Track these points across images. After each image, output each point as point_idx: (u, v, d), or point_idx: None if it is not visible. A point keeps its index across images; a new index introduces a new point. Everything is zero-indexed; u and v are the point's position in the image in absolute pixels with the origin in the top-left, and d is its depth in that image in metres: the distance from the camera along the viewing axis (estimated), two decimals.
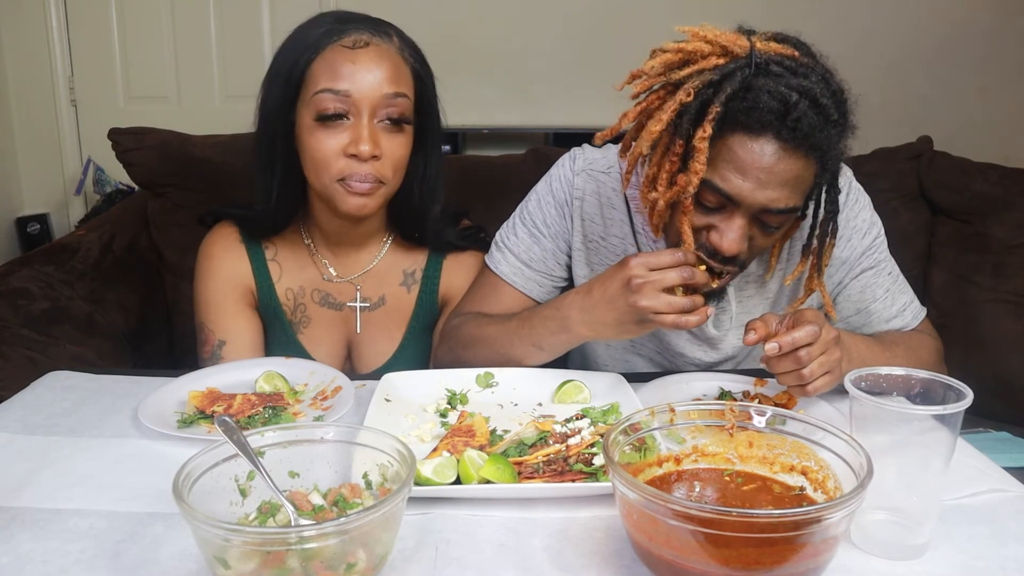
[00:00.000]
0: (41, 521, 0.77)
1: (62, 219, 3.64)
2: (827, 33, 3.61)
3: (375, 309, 1.33)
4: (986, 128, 3.31)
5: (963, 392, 0.72)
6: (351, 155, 1.13)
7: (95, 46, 3.51)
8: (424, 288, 1.34)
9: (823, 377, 0.94)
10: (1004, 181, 1.91)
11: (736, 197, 0.96)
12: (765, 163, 0.93)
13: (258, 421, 0.97)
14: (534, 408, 1.04)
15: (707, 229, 1.00)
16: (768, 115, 0.91)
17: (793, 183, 0.95)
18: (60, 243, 1.73)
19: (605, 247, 1.24)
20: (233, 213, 1.33)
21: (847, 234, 1.16)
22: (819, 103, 0.92)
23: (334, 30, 1.15)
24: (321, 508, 0.73)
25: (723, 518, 0.59)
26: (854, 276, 1.17)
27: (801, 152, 0.93)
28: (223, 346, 1.28)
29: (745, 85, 0.92)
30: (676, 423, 0.77)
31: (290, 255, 1.32)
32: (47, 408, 1.02)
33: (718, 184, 0.96)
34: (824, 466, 0.72)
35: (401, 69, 1.17)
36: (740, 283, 1.21)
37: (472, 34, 3.48)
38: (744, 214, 0.98)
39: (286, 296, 1.31)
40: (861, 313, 1.19)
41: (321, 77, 1.13)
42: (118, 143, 1.84)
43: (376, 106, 1.13)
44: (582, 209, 1.23)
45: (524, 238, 1.25)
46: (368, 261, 1.32)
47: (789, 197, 0.96)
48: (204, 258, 1.32)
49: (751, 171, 0.94)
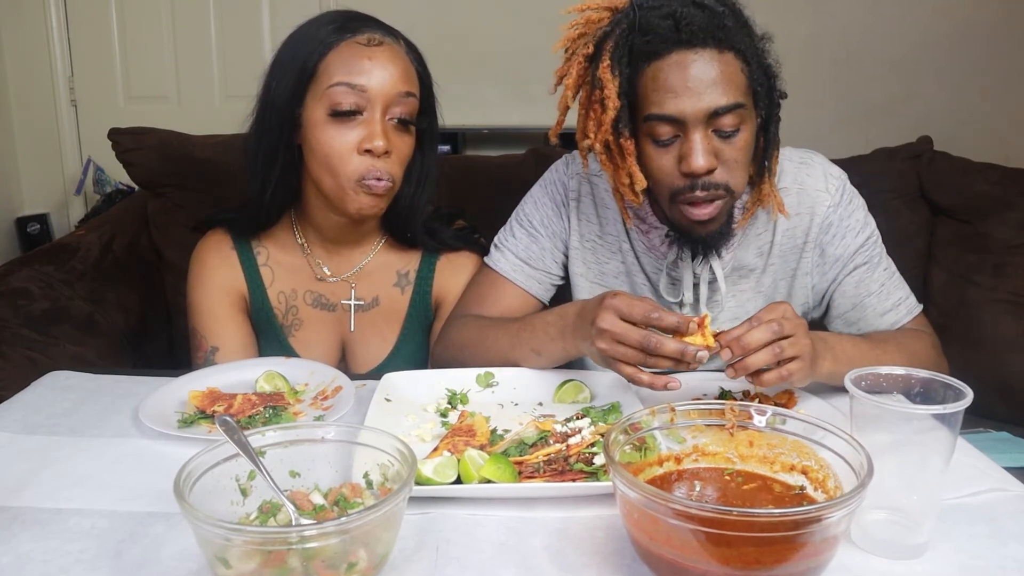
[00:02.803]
0: (42, 521, 0.77)
1: (62, 219, 3.64)
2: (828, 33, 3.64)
3: (369, 310, 1.33)
4: (986, 128, 3.31)
5: (963, 391, 0.72)
6: (365, 151, 1.14)
7: (95, 46, 3.51)
8: (418, 289, 1.34)
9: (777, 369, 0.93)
10: (1004, 181, 1.91)
11: (680, 115, 1.01)
12: (687, 73, 0.99)
13: (259, 421, 0.97)
14: (534, 408, 1.04)
15: (679, 164, 1.03)
16: (665, 32, 1.00)
17: (722, 80, 1.00)
18: (60, 243, 1.73)
19: (602, 245, 1.27)
20: (224, 218, 1.33)
21: (841, 232, 1.19)
22: (700, 3, 1.01)
23: (347, 27, 1.16)
24: (322, 508, 0.73)
25: (724, 517, 0.59)
26: (848, 272, 1.20)
27: (711, 49, 1.00)
28: (216, 352, 1.29)
29: (635, 23, 1.01)
30: (676, 422, 0.77)
31: (282, 257, 1.32)
32: (47, 408, 1.02)
33: (660, 112, 1.01)
34: (824, 465, 0.72)
35: (410, 70, 1.19)
36: (735, 278, 1.23)
37: (472, 34, 3.48)
38: (696, 128, 1.01)
39: (278, 300, 1.31)
40: (856, 308, 1.21)
41: (337, 71, 1.14)
42: (118, 143, 1.84)
43: (389, 103, 1.15)
44: (578, 209, 1.27)
45: (522, 238, 1.27)
46: (361, 259, 1.32)
47: (725, 94, 1.00)
48: (196, 265, 1.33)
49: (679, 86, 1.00)
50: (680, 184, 1.04)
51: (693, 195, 1.04)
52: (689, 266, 1.19)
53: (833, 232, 1.19)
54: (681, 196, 1.05)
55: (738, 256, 1.21)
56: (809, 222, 1.19)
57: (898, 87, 3.43)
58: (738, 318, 1.18)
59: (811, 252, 1.20)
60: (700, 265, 1.19)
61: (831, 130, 3.41)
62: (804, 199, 1.19)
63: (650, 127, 1.03)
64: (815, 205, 1.19)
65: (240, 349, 1.30)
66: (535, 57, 3.55)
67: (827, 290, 1.22)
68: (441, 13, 3.42)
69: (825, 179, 1.20)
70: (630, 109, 1.04)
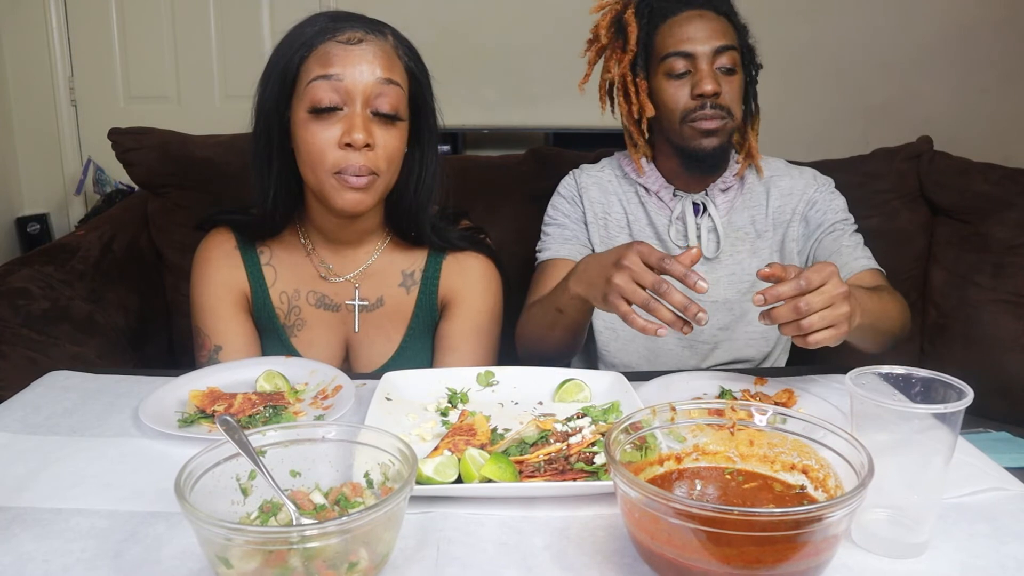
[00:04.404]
0: (42, 521, 0.77)
1: (62, 219, 3.64)
2: (827, 33, 3.63)
3: (373, 310, 1.32)
4: (986, 128, 3.32)
5: (964, 391, 0.72)
6: (346, 145, 1.13)
7: (95, 46, 3.51)
8: (424, 289, 1.33)
9: (825, 331, 0.95)
10: (1004, 181, 1.91)
11: (692, 51, 1.33)
12: (697, 24, 1.34)
13: (259, 420, 0.97)
14: (535, 407, 1.04)
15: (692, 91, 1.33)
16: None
17: (721, 31, 1.35)
18: (60, 243, 1.73)
19: (611, 221, 1.49)
20: (229, 219, 1.33)
21: (824, 208, 1.44)
22: None
23: (328, 28, 1.16)
24: (323, 507, 0.73)
25: (724, 517, 0.59)
26: (827, 232, 1.41)
27: (712, 11, 1.35)
28: (219, 351, 1.28)
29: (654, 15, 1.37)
30: (677, 422, 0.77)
31: (285, 257, 1.32)
32: (48, 408, 1.02)
33: (678, 49, 1.34)
34: (825, 465, 0.72)
35: (394, 62, 1.18)
36: (733, 239, 1.44)
37: (472, 34, 3.48)
38: (704, 62, 1.33)
39: (280, 299, 1.31)
40: (834, 255, 1.39)
41: (314, 68, 1.14)
42: (118, 143, 1.84)
43: (369, 94, 1.14)
44: (588, 195, 1.50)
45: (553, 231, 1.48)
46: (366, 259, 1.32)
47: (724, 36, 1.34)
48: (200, 263, 1.32)
49: (691, 31, 1.34)
50: (692, 106, 1.33)
51: (704, 112, 1.33)
52: (692, 219, 1.43)
53: (817, 208, 1.43)
54: (692, 115, 1.34)
55: (733, 219, 1.45)
56: (797, 200, 1.44)
57: (898, 87, 3.43)
58: (735, 274, 1.43)
59: (797, 224, 1.44)
60: (701, 216, 1.44)
61: (831, 130, 3.41)
62: (795, 185, 1.46)
63: (668, 64, 1.34)
64: (805, 188, 1.45)
65: (244, 348, 1.30)
66: (535, 57, 3.57)
67: (809, 249, 1.43)
68: (441, 13, 3.43)
69: (815, 177, 1.47)
70: (646, 56, 1.37)
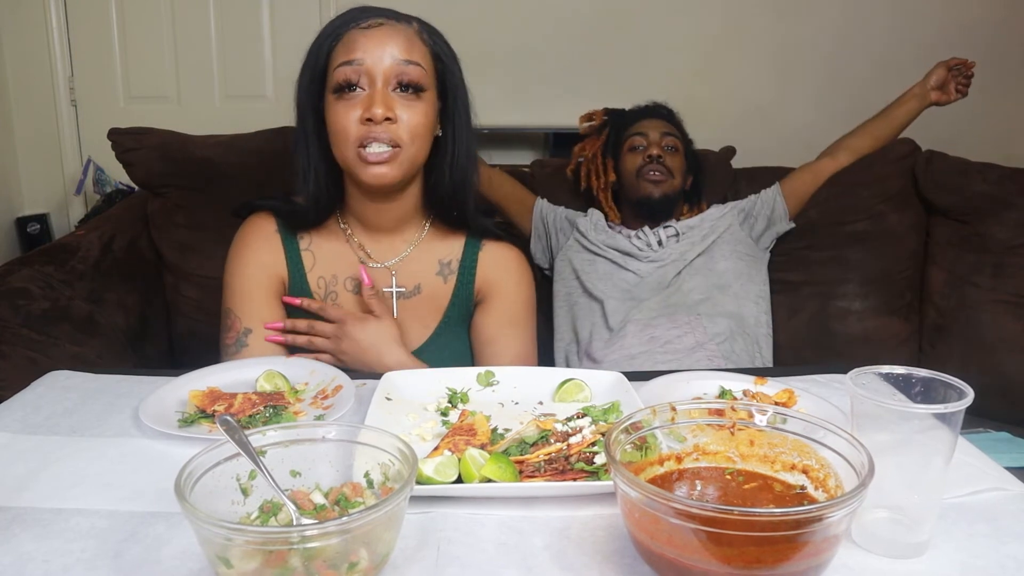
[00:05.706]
0: (42, 521, 0.77)
1: (62, 219, 3.63)
2: (825, 33, 3.66)
3: (410, 297, 1.34)
4: (986, 128, 3.31)
5: (964, 391, 0.72)
6: (367, 120, 1.16)
7: (95, 46, 3.51)
8: (461, 279, 1.35)
9: None
10: (1003, 181, 1.91)
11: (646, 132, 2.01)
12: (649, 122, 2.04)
13: (259, 420, 0.97)
14: (535, 407, 1.04)
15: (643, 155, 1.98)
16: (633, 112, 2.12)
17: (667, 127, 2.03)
18: (60, 243, 1.73)
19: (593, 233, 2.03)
20: (271, 205, 1.35)
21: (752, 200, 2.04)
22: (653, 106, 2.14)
23: (354, 17, 1.21)
24: (323, 507, 0.73)
25: (725, 517, 0.59)
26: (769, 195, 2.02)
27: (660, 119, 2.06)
28: (249, 334, 1.29)
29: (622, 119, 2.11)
30: (677, 422, 0.77)
31: (324, 243, 1.33)
32: (48, 408, 1.02)
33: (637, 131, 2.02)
34: (825, 465, 0.72)
35: (415, 44, 1.21)
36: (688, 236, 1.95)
37: (472, 34, 3.46)
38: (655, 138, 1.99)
39: (317, 284, 1.33)
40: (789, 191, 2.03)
41: (340, 55, 1.19)
42: (118, 143, 1.84)
43: (389, 74, 1.18)
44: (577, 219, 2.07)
45: None
46: (404, 247, 1.34)
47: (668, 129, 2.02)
48: (239, 245, 1.33)
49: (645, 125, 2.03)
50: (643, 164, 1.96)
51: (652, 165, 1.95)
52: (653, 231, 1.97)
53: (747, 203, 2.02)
54: (643, 170, 1.95)
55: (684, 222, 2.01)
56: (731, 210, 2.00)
57: (897, 87, 3.43)
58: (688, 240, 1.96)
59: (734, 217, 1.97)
60: (660, 226, 1.99)
61: (828, 130, 3.41)
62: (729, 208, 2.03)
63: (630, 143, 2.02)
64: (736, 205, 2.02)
65: None
66: (535, 57, 3.57)
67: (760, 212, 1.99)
68: (441, 13, 3.40)
69: None
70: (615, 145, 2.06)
